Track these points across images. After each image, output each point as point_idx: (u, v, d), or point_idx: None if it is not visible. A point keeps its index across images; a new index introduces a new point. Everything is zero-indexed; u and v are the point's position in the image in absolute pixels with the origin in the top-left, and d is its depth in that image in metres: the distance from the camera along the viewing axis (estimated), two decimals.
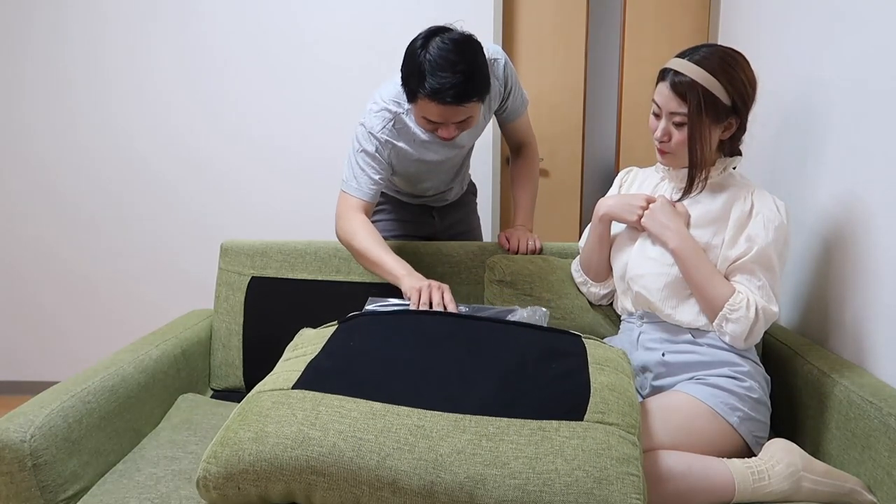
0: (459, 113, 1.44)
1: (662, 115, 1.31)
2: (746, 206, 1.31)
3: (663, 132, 1.31)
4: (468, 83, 1.38)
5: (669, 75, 1.28)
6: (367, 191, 1.59)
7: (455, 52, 1.38)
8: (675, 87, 1.27)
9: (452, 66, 1.37)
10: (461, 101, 1.40)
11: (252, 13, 2.57)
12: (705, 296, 1.29)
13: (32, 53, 2.65)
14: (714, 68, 1.25)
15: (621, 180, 1.56)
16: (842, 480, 1.18)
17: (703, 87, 1.25)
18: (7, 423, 1.16)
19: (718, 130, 1.30)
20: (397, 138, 1.60)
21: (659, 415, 1.24)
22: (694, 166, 1.30)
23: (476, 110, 1.47)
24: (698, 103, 1.25)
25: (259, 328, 1.75)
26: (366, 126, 1.58)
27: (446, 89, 1.37)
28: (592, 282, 1.54)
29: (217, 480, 0.99)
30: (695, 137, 1.28)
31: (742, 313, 1.26)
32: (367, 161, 1.58)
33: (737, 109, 1.28)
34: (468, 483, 0.93)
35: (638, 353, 1.40)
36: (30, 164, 2.73)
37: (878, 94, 1.30)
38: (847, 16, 1.44)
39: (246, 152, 2.67)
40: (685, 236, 1.31)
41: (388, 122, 1.58)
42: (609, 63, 2.61)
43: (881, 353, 1.29)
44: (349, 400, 1.04)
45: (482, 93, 1.43)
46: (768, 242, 1.27)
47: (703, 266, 1.29)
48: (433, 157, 1.65)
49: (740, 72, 1.27)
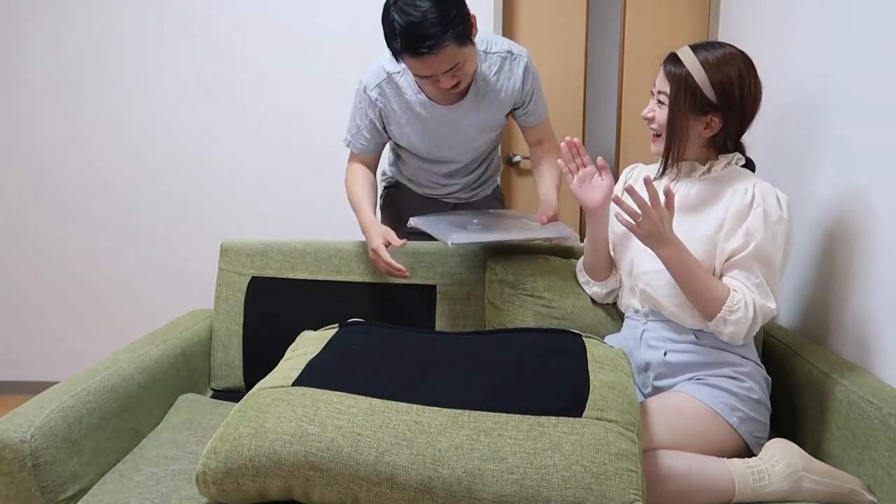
0: (441, 61, 1.43)
1: (654, 93, 1.36)
2: (747, 198, 1.29)
3: (649, 109, 1.37)
4: (437, 28, 1.37)
5: (668, 59, 1.34)
6: (358, 145, 1.70)
7: (421, 0, 1.37)
8: (666, 68, 1.33)
9: (420, 14, 1.37)
10: (435, 49, 1.39)
11: (253, 12, 2.58)
12: (701, 299, 1.27)
13: (33, 52, 2.66)
14: (709, 62, 1.28)
15: (626, 177, 1.55)
16: (842, 480, 1.18)
17: (690, 75, 1.28)
18: (7, 423, 1.16)
19: (699, 124, 1.31)
20: (388, 98, 1.63)
21: (659, 415, 1.24)
22: (668, 146, 1.34)
23: (462, 54, 1.45)
24: (678, 89, 1.30)
25: (259, 328, 1.76)
26: (362, 83, 1.65)
27: (417, 39, 1.38)
28: (594, 281, 1.54)
29: (216, 476, 0.99)
30: (670, 120, 1.32)
31: (741, 314, 1.24)
32: (359, 117, 1.67)
33: (720, 107, 1.29)
34: (466, 478, 0.93)
35: (641, 350, 1.40)
36: (30, 164, 2.74)
37: (880, 92, 1.30)
38: (848, 12, 1.44)
39: (246, 152, 2.67)
40: (675, 243, 1.27)
41: (381, 80, 1.62)
42: (609, 63, 2.61)
43: (883, 354, 1.28)
44: (348, 396, 1.05)
45: (457, 35, 1.41)
46: (767, 237, 1.26)
47: (696, 270, 1.26)
48: (420, 126, 1.65)
49: (733, 72, 1.27)
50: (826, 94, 1.51)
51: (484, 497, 0.92)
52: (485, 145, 1.77)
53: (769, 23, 1.89)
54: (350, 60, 2.56)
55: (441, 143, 1.70)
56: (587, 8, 2.54)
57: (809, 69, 1.61)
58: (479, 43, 1.58)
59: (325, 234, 2.63)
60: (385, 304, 1.74)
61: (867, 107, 1.34)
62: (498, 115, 1.70)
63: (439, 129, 1.67)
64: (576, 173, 1.45)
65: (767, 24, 1.91)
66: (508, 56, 1.64)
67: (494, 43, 1.64)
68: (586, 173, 1.44)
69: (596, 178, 1.44)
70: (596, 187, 1.44)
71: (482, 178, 1.89)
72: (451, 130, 1.68)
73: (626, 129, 2.60)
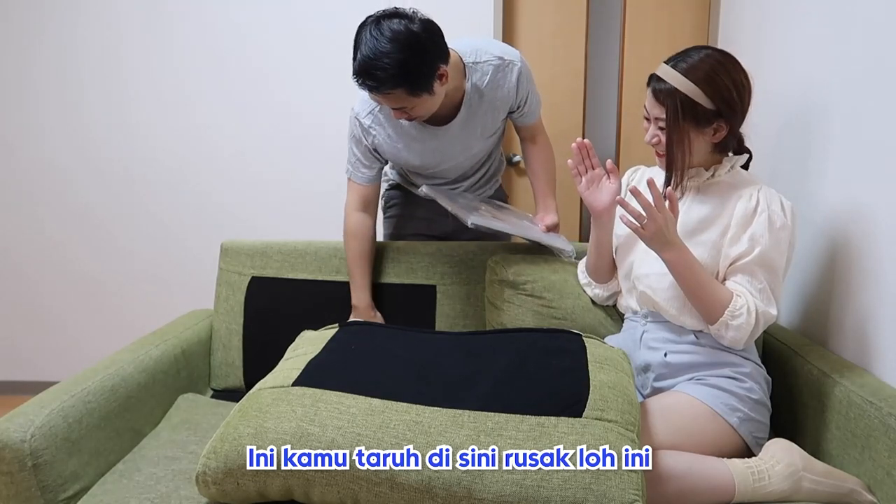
0: (387, 100, 1.43)
1: (651, 119, 1.33)
2: (752, 204, 1.28)
3: (652, 136, 1.33)
4: (387, 76, 1.35)
5: (653, 81, 1.30)
6: (359, 175, 1.68)
7: (388, 42, 1.35)
8: (656, 94, 1.29)
9: (377, 56, 1.35)
10: (378, 91, 1.39)
11: (254, 15, 2.58)
12: (704, 303, 1.26)
13: (42, 51, 2.66)
14: (697, 75, 1.25)
15: (628, 179, 1.55)
16: (842, 480, 1.18)
17: (682, 93, 1.25)
18: (7, 423, 1.17)
19: (705, 135, 1.29)
20: (382, 124, 1.61)
21: (659, 415, 1.24)
22: (672, 169, 1.31)
23: (411, 101, 1.43)
24: (675, 109, 1.26)
25: (259, 328, 1.76)
26: (354, 111, 1.63)
27: (364, 75, 1.37)
28: (596, 283, 1.54)
29: (216, 476, 0.99)
30: (672, 142, 1.29)
31: (743, 319, 1.24)
32: (356, 146, 1.65)
33: (723, 114, 1.27)
34: (466, 478, 0.93)
35: (641, 351, 1.40)
36: (31, 164, 2.74)
37: (882, 94, 1.29)
38: (849, 15, 1.44)
39: (246, 153, 2.67)
40: (679, 246, 1.26)
41: (374, 108, 1.60)
42: (609, 63, 2.61)
43: (883, 354, 1.28)
44: (348, 396, 1.05)
45: (409, 86, 1.39)
46: (771, 243, 1.25)
47: (699, 274, 1.26)
48: (419, 148, 1.64)
49: (725, 76, 1.26)
50: (827, 95, 1.51)
51: (484, 497, 0.92)
52: (484, 151, 1.76)
53: (770, 23, 1.89)
54: (349, 61, 2.56)
55: (439, 160, 1.69)
56: (587, 8, 2.54)
57: (810, 71, 1.61)
58: (466, 54, 1.55)
59: (326, 234, 2.63)
60: (385, 304, 1.74)
61: (869, 109, 1.34)
62: (494, 122, 1.68)
63: (436, 148, 1.65)
64: (584, 175, 1.44)
65: (768, 24, 1.90)
66: (500, 63, 1.60)
67: (483, 52, 1.60)
68: (594, 175, 1.43)
69: (604, 181, 1.43)
70: (604, 190, 1.43)
71: (485, 176, 1.88)
72: (447, 147, 1.66)
73: (626, 129, 2.60)
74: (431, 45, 1.41)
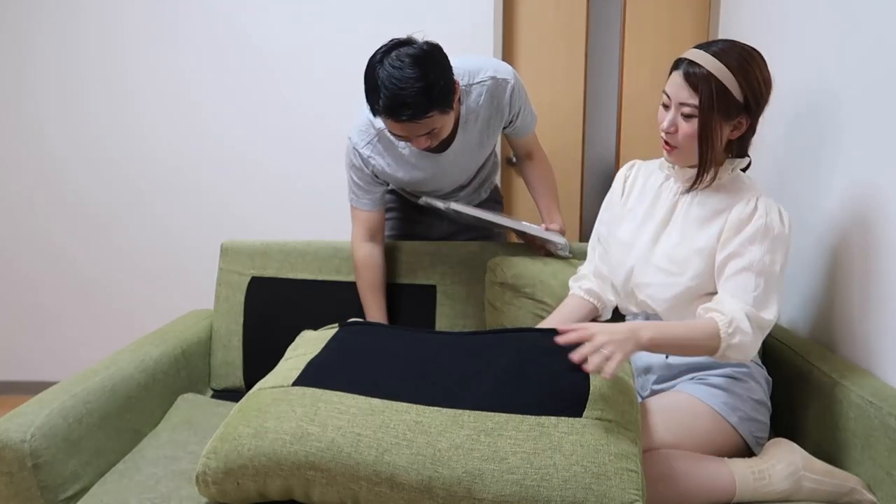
0: (420, 127, 1.41)
1: (672, 105, 1.27)
2: (748, 209, 1.26)
3: (670, 123, 1.27)
4: (422, 99, 1.35)
5: (684, 65, 1.24)
6: (364, 202, 1.66)
7: (410, 67, 1.34)
8: (689, 77, 1.23)
9: (406, 83, 1.33)
10: (416, 118, 1.37)
11: (254, 15, 2.58)
12: (698, 347, 1.18)
13: (43, 50, 2.66)
14: (731, 62, 1.21)
15: (625, 177, 1.51)
16: (842, 480, 1.17)
17: (717, 79, 1.21)
18: (7, 423, 1.17)
19: (728, 128, 1.25)
20: (382, 154, 1.60)
21: (660, 414, 1.24)
22: (703, 161, 1.26)
23: (441, 121, 1.43)
24: (710, 95, 1.21)
25: (259, 328, 1.76)
26: (351, 141, 1.61)
27: (399, 107, 1.35)
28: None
29: (216, 475, 0.99)
30: (706, 130, 1.23)
31: (739, 337, 1.18)
32: (357, 175, 1.63)
33: (748, 108, 1.24)
34: (466, 478, 0.93)
35: (642, 352, 1.39)
36: (31, 163, 2.74)
37: (887, 95, 1.29)
38: (850, 17, 1.44)
39: (247, 152, 2.67)
40: (640, 326, 1.13)
41: (372, 138, 1.58)
42: (609, 63, 2.61)
43: (883, 354, 1.28)
44: (348, 396, 1.05)
45: (441, 105, 1.39)
46: (765, 249, 1.23)
47: (677, 328, 1.17)
48: (420, 175, 1.64)
49: (756, 70, 1.23)
50: (829, 95, 1.51)
51: (484, 497, 0.92)
52: (480, 163, 1.76)
53: (770, 23, 1.89)
54: (349, 64, 2.56)
55: (440, 183, 1.69)
56: (587, 8, 2.54)
57: (812, 73, 1.61)
58: (460, 77, 1.53)
59: (326, 234, 2.63)
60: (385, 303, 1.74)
61: (872, 109, 1.33)
62: (490, 139, 1.68)
63: (436, 173, 1.65)
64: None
65: (769, 24, 1.90)
66: (493, 83, 1.58)
67: (476, 73, 1.58)
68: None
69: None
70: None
71: (481, 181, 1.89)
72: (447, 171, 1.66)
73: (626, 129, 2.60)
74: (444, 61, 1.42)
